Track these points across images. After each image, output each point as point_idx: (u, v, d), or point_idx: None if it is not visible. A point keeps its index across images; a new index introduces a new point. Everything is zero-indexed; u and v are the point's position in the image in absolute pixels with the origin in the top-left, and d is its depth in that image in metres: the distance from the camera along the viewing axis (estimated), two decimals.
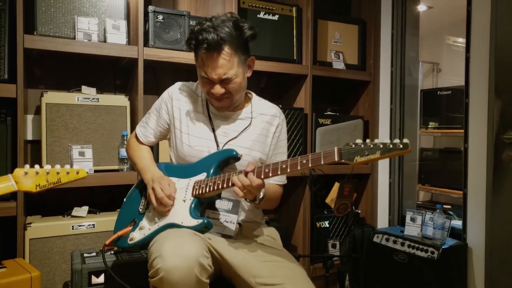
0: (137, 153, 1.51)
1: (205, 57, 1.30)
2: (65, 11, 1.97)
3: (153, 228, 1.27)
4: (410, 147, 1.03)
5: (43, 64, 2.20)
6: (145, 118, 1.55)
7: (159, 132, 1.51)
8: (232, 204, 1.32)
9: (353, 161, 1.06)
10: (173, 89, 1.49)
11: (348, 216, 2.78)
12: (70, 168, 1.30)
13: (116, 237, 1.34)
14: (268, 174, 1.17)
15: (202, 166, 1.34)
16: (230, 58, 1.30)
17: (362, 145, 1.05)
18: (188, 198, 1.29)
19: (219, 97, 1.35)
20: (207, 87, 1.36)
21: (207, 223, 1.22)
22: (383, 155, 1.02)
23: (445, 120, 3.38)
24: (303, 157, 1.14)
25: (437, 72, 4.44)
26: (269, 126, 1.47)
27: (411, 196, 3.01)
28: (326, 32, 2.78)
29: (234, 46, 1.30)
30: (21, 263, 1.57)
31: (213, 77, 1.31)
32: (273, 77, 2.82)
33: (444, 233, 2.15)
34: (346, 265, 2.57)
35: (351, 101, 3.04)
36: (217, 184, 1.25)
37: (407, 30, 2.83)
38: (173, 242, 1.10)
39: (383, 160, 2.82)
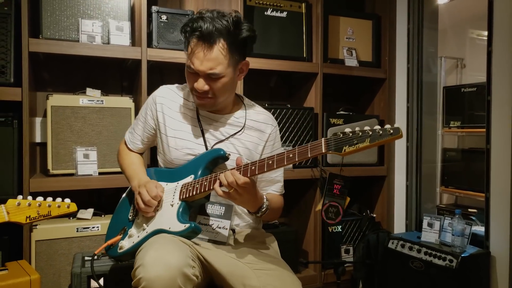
0: (125, 160, 1.49)
1: (194, 46, 1.23)
2: (70, 14, 1.98)
3: (141, 235, 1.23)
4: (402, 132, 0.95)
5: (50, 67, 2.22)
6: (133, 124, 1.51)
7: (146, 138, 1.47)
8: (224, 209, 1.27)
9: (342, 151, 0.98)
10: (157, 93, 1.43)
11: (363, 220, 2.68)
12: (61, 202, 1.37)
13: (106, 246, 1.31)
14: (255, 171, 1.11)
15: (189, 168, 1.30)
16: (221, 54, 1.23)
17: (350, 133, 0.98)
18: (176, 202, 1.24)
19: (201, 94, 1.28)
20: (191, 81, 1.29)
21: (195, 228, 1.17)
22: (373, 142, 0.95)
23: (470, 118, 3.21)
24: (290, 151, 1.09)
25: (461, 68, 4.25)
26: (261, 134, 1.39)
27: (430, 199, 2.87)
28: (337, 28, 2.68)
29: (228, 42, 1.23)
30: (23, 266, 1.57)
31: (199, 69, 1.23)
32: (283, 76, 2.75)
33: (464, 240, 2.01)
34: (360, 272, 2.47)
35: (366, 100, 2.94)
36: (203, 186, 1.20)
37: (424, 24, 2.70)
38: (156, 250, 1.06)
39: (400, 162, 2.70)
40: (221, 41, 1.22)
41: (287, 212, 2.82)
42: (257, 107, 1.46)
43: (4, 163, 1.85)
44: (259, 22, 2.40)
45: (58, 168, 1.96)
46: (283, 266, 1.25)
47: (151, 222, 1.25)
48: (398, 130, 0.94)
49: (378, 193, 2.82)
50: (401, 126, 0.99)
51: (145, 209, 1.26)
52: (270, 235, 1.45)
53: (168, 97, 1.40)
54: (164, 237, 1.15)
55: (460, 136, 3.69)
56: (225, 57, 1.24)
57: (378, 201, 2.82)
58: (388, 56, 2.76)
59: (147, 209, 1.26)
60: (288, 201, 2.80)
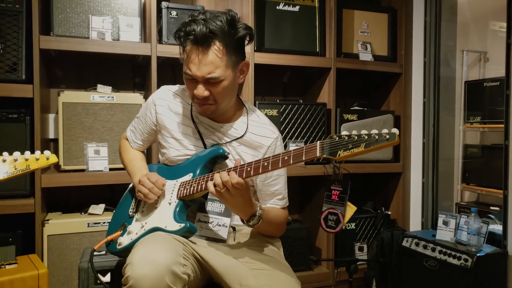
0: (127, 155, 1.48)
1: (190, 51, 1.18)
2: (80, 11, 1.99)
3: (140, 233, 1.23)
4: (398, 138, 0.91)
5: (63, 64, 2.25)
6: (134, 122, 1.50)
7: (146, 138, 1.46)
8: (224, 206, 1.25)
9: (336, 156, 0.95)
10: (156, 95, 1.40)
11: (377, 217, 2.62)
12: (40, 154, 1.26)
13: (106, 241, 1.31)
14: (250, 173, 1.09)
15: (188, 166, 1.28)
16: (218, 56, 1.17)
17: (346, 137, 0.95)
18: (174, 200, 1.23)
19: (202, 101, 1.23)
20: (191, 88, 1.23)
21: (190, 227, 1.16)
22: (368, 148, 0.91)
23: (492, 113, 3.10)
24: (285, 154, 1.06)
25: (484, 61, 4.11)
26: (259, 147, 1.33)
27: (449, 197, 2.79)
28: (352, 22, 2.62)
29: (224, 44, 1.17)
30: (33, 260, 1.60)
31: (197, 74, 1.18)
32: (296, 71, 2.71)
33: (480, 239, 1.94)
34: (373, 270, 2.42)
35: (381, 95, 2.87)
36: (200, 185, 1.19)
37: (443, 17, 2.61)
38: (145, 249, 1.05)
39: (416, 158, 2.63)
40: (216, 43, 1.16)
41: (300, 209, 2.79)
42: (259, 118, 1.38)
43: None
44: (271, 17, 2.37)
45: (70, 164, 1.99)
46: (282, 267, 1.23)
47: (149, 219, 1.24)
48: (394, 136, 0.90)
49: (393, 190, 2.75)
50: (417, 122, 0.94)
51: (147, 195, 1.24)
52: None
53: (167, 99, 1.37)
54: (157, 235, 1.14)
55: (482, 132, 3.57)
56: (222, 59, 1.18)
57: (393, 198, 2.76)
58: (404, 50, 2.68)
59: (149, 194, 1.24)
60: (301, 198, 2.81)
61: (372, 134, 0.92)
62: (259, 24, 2.33)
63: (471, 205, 3.60)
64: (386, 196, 2.81)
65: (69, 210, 2.15)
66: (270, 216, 1.27)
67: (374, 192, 2.90)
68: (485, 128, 3.28)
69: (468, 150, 3.38)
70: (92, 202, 2.15)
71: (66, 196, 2.26)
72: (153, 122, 1.40)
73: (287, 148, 2.35)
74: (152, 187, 1.24)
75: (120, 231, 1.31)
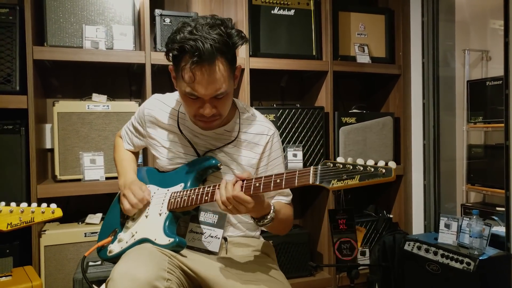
0: (118, 155, 1.47)
1: (195, 71, 1.09)
2: (74, 21, 1.99)
3: (130, 242, 1.22)
4: (394, 174, 0.87)
5: (59, 74, 2.26)
6: (129, 123, 1.49)
7: (136, 143, 1.46)
8: (217, 217, 1.23)
9: (330, 185, 0.91)
10: (146, 105, 1.38)
11: (379, 221, 2.59)
12: (45, 208, 1.31)
13: (96, 247, 1.30)
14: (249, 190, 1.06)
15: (180, 175, 1.27)
16: (222, 71, 1.12)
17: (341, 165, 0.91)
18: (164, 211, 1.21)
19: (208, 119, 1.18)
20: (193, 108, 1.17)
21: (179, 242, 1.14)
22: (362, 181, 0.88)
23: (496, 113, 3.06)
24: (278, 176, 1.04)
25: (486, 60, 4.07)
26: (255, 146, 1.29)
27: (451, 198, 2.75)
28: (348, 25, 2.60)
29: (226, 57, 1.12)
30: (28, 272, 1.60)
31: (204, 93, 1.12)
32: (294, 75, 2.70)
33: (483, 242, 1.91)
34: (376, 275, 2.38)
35: (380, 97, 2.84)
36: (191, 199, 1.17)
37: (440, 17, 2.58)
38: (127, 264, 1.03)
39: (417, 160, 2.60)
40: (219, 58, 1.11)
41: (301, 214, 2.76)
42: (252, 116, 1.33)
43: (13, 169, 1.88)
44: (266, 22, 2.36)
45: (66, 174, 1.99)
46: (275, 277, 1.20)
47: (140, 228, 1.23)
48: (391, 172, 0.86)
49: (395, 193, 2.72)
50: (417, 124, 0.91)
51: (129, 211, 1.25)
52: (267, 243, 1.39)
53: (156, 109, 1.35)
54: (141, 248, 1.12)
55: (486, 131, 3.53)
56: (226, 73, 1.13)
57: (395, 202, 2.72)
58: (402, 51, 2.65)
59: (132, 211, 1.24)
60: (301, 203, 2.78)
61: (368, 166, 0.88)
62: (254, 29, 2.31)
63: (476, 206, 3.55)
64: (388, 199, 2.77)
65: (68, 219, 2.14)
66: (280, 215, 1.22)
67: (375, 195, 2.86)
68: (488, 128, 3.23)
69: (472, 150, 3.34)
70: (90, 211, 2.14)
71: (65, 206, 2.24)
72: (143, 132, 1.39)
73: (284, 153, 2.33)
74: (136, 203, 1.23)
75: (111, 237, 1.30)
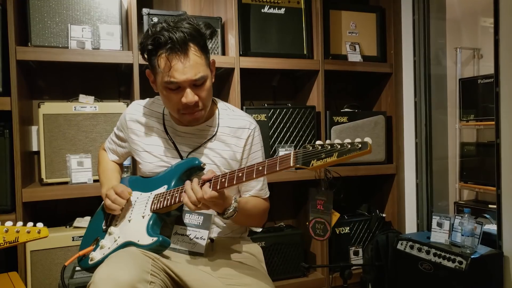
0: (101, 166, 1.48)
1: (168, 60, 1.15)
2: (59, 21, 1.95)
3: (112, 247, 1.19)
4: (370, 147, 0.90)
5: (46, 75, 2.21)
6: (112, 134, 1.49)
7: (120, 152, 1.46)
8: (202, 218, 1.21)
9: (309, 166, 0.94)
10: (127, 110, 1.40)
11: (372, 220, 2.57)
12: (31, 227, 1.27)
13: (77, 257, 1.27)
14: (224, 184, 1.05)
15: (163, 178, 1.25)
16: (198, 56, 1.17)
17: (319, 147, 0.94)
18: (147, 213, 1.19)
19: (192, 110, 1.20)
20: (175, 98, 1.20)
21: (162, 241, 1.11)
22: (340, 157, 0.91)
23: (487, 111, 3.06)
24: (260, 164, 1.04)
25: (478, 58, 4.08)
26: (237, 140, 1.30)
27: (444, 196, 2.74)
28: (339, 23, 2.59)
29: (198, 44, 1.18)
30: (12, 278, 1.55)
31: (184, 79, 1.16)
32: (286, 74, 2.67)
33: (474, 240, 1.90)
34: (369, 274, 2.37)
35: (373, 96, 2.83)
36: (174, 198, 1.15)
37: (431, 15, 2.57)
38: (108, 266, 1.01)
39: (409, 159, 2.59)
40: (191, 45, 1.17)
41: (294, 214, 2.74)
42: (233, 111, 1.36)
43: None
44: (256, 21, 2.33)
45: (52, 177, 1.94)
46: (261, 279, 1.18)
47: (123, 233, 1.20)
48: (366, 145, 0.89)
49: (387, 192, 2.71)
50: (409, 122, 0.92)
51: (110, 206, 1.23)
52: (254, 245, 1.38)
53: (138, 114, 1.36)
54: (124, 252, 1.10)
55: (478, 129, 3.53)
56: (202, 59, 1.19)
57: (388, 200, 2.71)
58: (393, 49, 2.64)
59: (112, 205, 1.23)
60: (294, 203, 2.76)
61: (345, 143, 0.91)
62: (244, 28, 2.29)
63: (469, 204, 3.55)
64: (381, 198, 2.76)
65: (56, 223, 2.10)
66: (248, 207, 1.24)
67: (368, 194, 2.85)
68: (480, 126, 3.24)
69: (465, 148, 3.34)
70: (78, 214, 2.10)
71: (53, 209, 2.21)
72: (125, 138, 1.39)
73: (276, 154, 2.31)
74: (115, 198, 1.22)
75: (93, 245, 1.26)
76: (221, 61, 2.21)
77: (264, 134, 2.27)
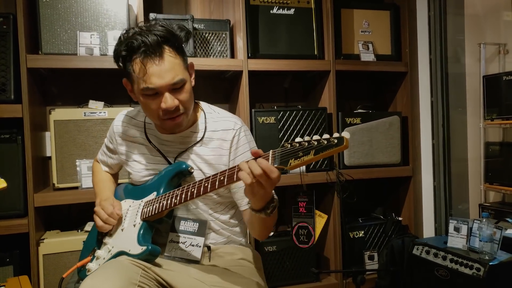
0: (95, 178, 1.48)
1: (144, 64, 1.10)
2: (68, 28, 1.98)
3: (107, 257, 1.18)
4: (347, 142, 0.84)
5: (58, 82, 2.25)
6: (103, 146, 1.49)
7: (111, 163, 1.45)
8: (198, 225, 1.19)
9: (287, 165, 0.89)
10: (114, 122, 1.38)
11: (387, 224, 2.50)
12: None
13: (76, 268, 1.27)
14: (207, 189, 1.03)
15: (153, 185, 1.23)
16: (174, 59, 1.13)
17: (297, 144, 0.88)
18: (138, 222, 1.18)
19: (173, 115, 1.15)
20: (154, 105, 1.14)
21: (152, 250, 1.10)
22: (317, 155, 0.85)
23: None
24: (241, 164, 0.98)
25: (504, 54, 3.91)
26: (222, 143, 1.26)
27: (464, 199, 2.64)
28: (351, 22, 2.53)
29: (173, 47, 1.15)
30: (22, 282, 1.58)
31: (161, 84, 1.11)
32: (297, 76, 2.64)
33: (494, 246, 1.81)
34: (384, 280, 2.30)
35: (388, 96, 2.75)
36: (162, 205, 1.13)
37: (448, 10, 2.48)
38: (93, 278, 1.00)
39: (426, 161, 2.50)
40: (166, 48, 1.13)
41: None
42: (217, 113, 1.31)
43: (11, 178, 1.88)
44: (265, 22, 2.30)
45: (63, 182, 1.98)
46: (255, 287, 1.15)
47: (116, 242, 1.20)
48: (342, 140, 0.83)
49: (404, 195, 2.62)
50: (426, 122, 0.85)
51: (102, 227, 1.23)
52: (254, 252, 1.34)
53: (124, 124, 1.35)
54: (112, 262, 1.09)
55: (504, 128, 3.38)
56: (178, 61, 1.15)
57: (404, 204, 2.63)
58: (409, 48, 2.56)
59: (104, 226, 1.22)
60: None
61: (321, 139, 0.86)
62: (252, 30, 2.26)
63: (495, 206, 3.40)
64: (397, 201, 2.68)
65: (69, 227, 2.14)
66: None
67: (383, 197, 2.77)
68: (506, 125, 3.10)
69: (490, 148, 3.20)
70: (90, 219, 2.10)
71: (66, 213, 2.25)
72: (114, 149, 1.39)
73: None
74: (107, 218, 1.21)
75: (91, 256, 1.27)
76: (229, 64, 2.19)
77: (273, 137, 2.25)
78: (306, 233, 1.61)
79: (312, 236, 1.59)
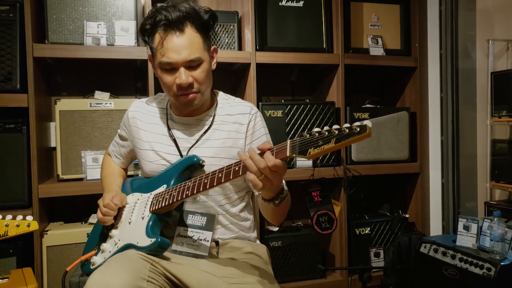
0: (104, 171, 1.46)
1: (164, 38, 1.13)
2: (75, 17, 1.95)
3: (113, 250, 1.16)
4: (370, 130, 0.81)
5: (64, 72, 2.23)
6: (116, 137, 1.46)
7: (124, 154, 1.43)
8: (206, 219, 1.16)
9: (307, 154, 0.87)
10: (129, 109, 1.37)
11: (394, 221, 2.47)
12: (21, 220, 1.27)
13: (80, 261, 1.25)
14: (221, 179, 1.00)
15: (163, 178, 1.20)
16: (194, 36, 1.14)
17: (317, 134, 0.87)
18: (146, 214, 1.15)
19: (187, 91, 1.16)
20: (170, 80, 1.16)
21: (161, 242, 1.07)
22: (338, 143, 0.83)
23: None
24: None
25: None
26: (239, 127, 1.25)
27: (473, 197, 2.61)
28: (361, 16, 2.49)
29: (196, 25, 1.15)
30: (25, 274, 1.57)
31: (178, 59, 1.13)
32: (305, 69, 2.60)
33: (505, 246, 1.78)
34: (390, 278, 2.27)
35: (396, 92, 2.71)
36: (172, 196, 1.10)
37: (460, 5, 2.43)
38: (102, 272, 0.97)
39: (434, 157, 2.46)
40: (188, 25, 1.14)
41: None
42: (233, 100, 1.33)
43: (15, 169, 1.86)
44: (273, 14, 2.27)
45: (68, 173, 1.96)
46: (265, 278, 1.13)
47: (123, 235, 1.17)
48: (365, 128, 0.81)
49: (411, 191, 2.59)
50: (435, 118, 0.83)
51: (102, 219, 1.22)
52: (261, 245, 1.32)
53: (140, 111, 1.33)
54: (121, 255, 1.07)
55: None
56: (199, 40, 1.16)
57: (411, 201, 2.60)
58: (418, 42, 2.52)
59: (104, 218, 1.21)
60: None
61: (343, 128, 0.84)
62: (261, 22, 2.23)
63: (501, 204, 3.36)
64: (404, 198, 2.65)
65: (73, 219, 2.12)
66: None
67: (390, 194, 2.74)
68: None
69: (497, 146, 3.16)
70: (94, 211, 2.08)
71: (71, 205, 2.23)
72: (128, 137, 1.37)
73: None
74: (106, 211, 1.20)
75: (95, 249, 1.24)
76: (237, 56, 2.16)
77: (280, 131, 2.22)
78: (327, 219, 1.60)
79: (334, 220, 1.59)
